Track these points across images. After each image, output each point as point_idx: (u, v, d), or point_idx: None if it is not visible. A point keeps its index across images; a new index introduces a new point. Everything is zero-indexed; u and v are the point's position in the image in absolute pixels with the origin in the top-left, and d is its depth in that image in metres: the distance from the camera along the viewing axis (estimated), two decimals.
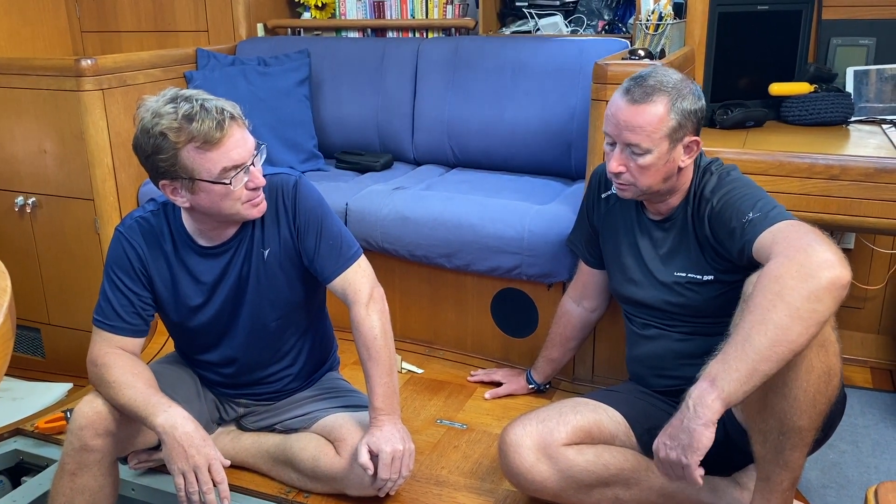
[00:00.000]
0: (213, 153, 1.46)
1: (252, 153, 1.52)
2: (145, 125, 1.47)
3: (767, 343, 1.24)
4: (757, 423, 1.42)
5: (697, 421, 1.27)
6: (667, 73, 1.57)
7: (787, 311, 1.24)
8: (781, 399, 1.35)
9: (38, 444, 2.03)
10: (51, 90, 2.38)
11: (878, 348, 2.43)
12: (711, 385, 1.27)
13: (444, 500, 1.75)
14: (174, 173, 1.49)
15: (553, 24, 2.88)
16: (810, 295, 1.24)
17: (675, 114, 1.53)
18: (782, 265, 1.28)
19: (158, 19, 3.25)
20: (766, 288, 1.27)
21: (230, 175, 1.49)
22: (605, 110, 1.60)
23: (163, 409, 1.51)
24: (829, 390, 1.35)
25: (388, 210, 2.33)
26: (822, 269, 1.24)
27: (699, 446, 1.28)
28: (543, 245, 2.12)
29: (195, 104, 1.46)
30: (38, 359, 2.68)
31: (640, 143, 1.53)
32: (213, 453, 1.50)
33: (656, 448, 1.37)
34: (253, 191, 1.54)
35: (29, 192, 2.50)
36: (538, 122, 2.57)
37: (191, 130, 1.44)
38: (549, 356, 2.09)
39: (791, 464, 1.41)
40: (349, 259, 1.68)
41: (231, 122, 1.47)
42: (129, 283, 1.64)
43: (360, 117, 2.87)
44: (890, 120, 2.26)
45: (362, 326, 1.65)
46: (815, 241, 1.29)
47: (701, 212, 1.59)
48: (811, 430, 1.37)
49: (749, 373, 1.25)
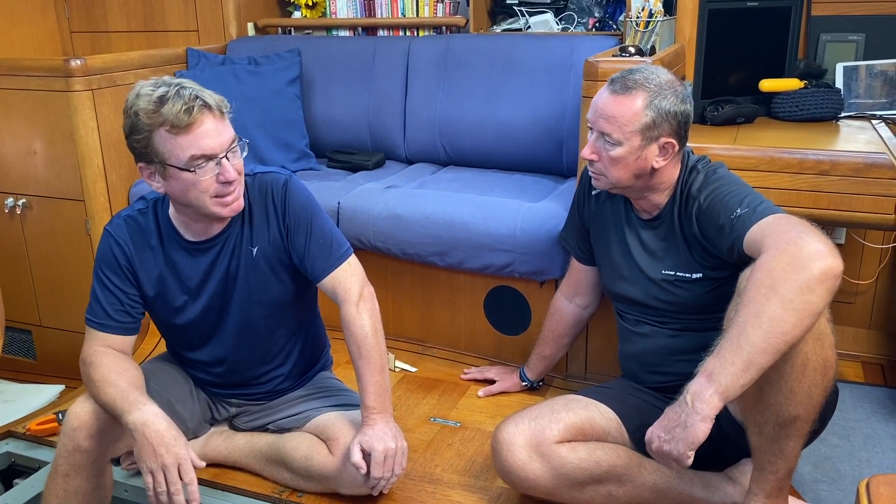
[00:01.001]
0: (182, 139, 1.45)
1: (226, 146, 1.49)
2: (126, 104, 1.48)
3: (762, 336, 1.25)
4: (753, 414, 1.42)
5: (695, 416, 1.28)
6: (656, 71, 1.58)
7: (781, 303, 1.24)
8: (777, 391, 1.36)
9: (31, 447, 2.03)
10: (40, 91, 2.37)
11: (870, 343, 2.44)
12: (709, 380, 1.27)
13: (438, 497, 1.75)
14: (148, 156, 1.49)
15: (544, 21, 2.88)
16: (803, 286, 1.24)
17: (652, 111, 1.53)
18: (774, 258, 1.29)
19: (148, 19, 3.23)
20: (759, 281, 1.28)
21: (198, 164, 1.47)
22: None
23: (137, 407, 1.47)
24: (824, 382, 1.36)
25: (380, 209, 2.32)
26: (814, 259, 1.25)
27: (695, 441, 1.28)
28: (535, 242, 2.12)
29: (171, 88, 1.45)
30: (29, 361, 2.67)
31: (612, 134, 1.55)
32: (182, 453, 1.44)
33: (649, 439, 1.37)
34: (223, 185, 1.51)
35: (19, 194, 2.49)
36: (529, 120, 2.58)
37: (161, 112, 1.43)
38: (541, 353, 2.09)
39: (786, 453, 1.41)
40: (339, 258, 1.67)
41: (203, 110, 1.45)
42: (117, 281, 1.63)
43: (352, 116, 2.86)
44: (879, 115, 2.26)
45: (353, 326, 1.65)
46: (805, 233, 1.29)
47: (688, 210, 1.60)
48: (807, 420, 1.38)
49: (745, 366, 1.25)
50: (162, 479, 1.42)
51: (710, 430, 1.27)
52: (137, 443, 1.45)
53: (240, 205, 1.56)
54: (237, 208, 1.56)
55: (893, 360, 2.36)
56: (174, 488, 1.42)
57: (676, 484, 1.64)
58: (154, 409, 1.48)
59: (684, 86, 1.60)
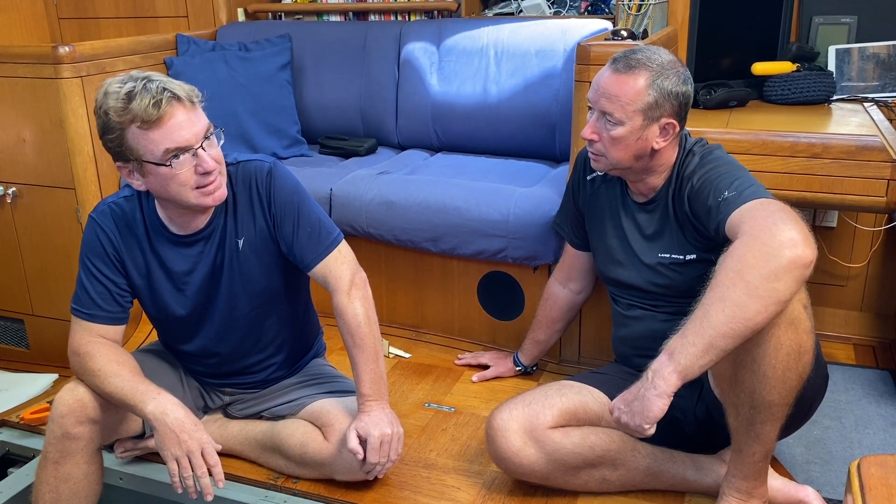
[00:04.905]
0: (153, 133, 1.43)
1: (200, 136, 1.47)
2: (96, 104, 1.47)
3: (724, 320, 1.26)
4: (730, 396, 1.44)
5: (653, 391, 1.30)
6: (658, 52, 1.57)
7: (746, 290, 1.25)
8: (751, 375, 1.37)
9: (24, 435, 2.03)
10: (28, 78, 2.34)
11: (861, 325, 2.45)
12: (670, 358, 1.30)
13: (433, 482, 1.75)
14: (124, 155, 1.47)
15: (536, 5, 2.87)
16: (770, 274, 1.25)
17: (654, 91, 1.53)
18: (746, 244, 1.30)
19: (137, 5, 3.20)
20: (728, 266, 1.29)
21: (173, 157, 1.45)
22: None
23: (152, 397, 1.51)
24: (799, 367, 1.36)
25: (372, 195, 2.31)
26: (785, 248, 1.25)
27: (650, 415, 1.31)
28: (529, 228, 2.12)
29: (138, 83, 1.42)
30: (22, 350, 2.66)
31: (614, 113, 1.54)
32: (205, 438, 1.51)
33: (611, 408, 1.41)
34: (202, 175, 1.48)
35: (9, 182, 2.47)
36: (522, 105, 2.57)
37: (130, 108, 1.41)
38: (535, 338, 2.10)
39: (762, 437, 1.43)
40: (329, 246, 1.65)
41: (172, 102, 1.42)
42: (105, 269, 1.62)
43: (344, 102, 2.85)
44: (871, 98, 2.26)
45: (345, 314, 1.64)
46: (781, 221, 1.29)
47: (682, 191, 1.60)
48: (782, 405, 1.39)
49: (706, 348, 1.27)
50: (187, 464, 1.48)
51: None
52: (159, 432, 1.49)
53: (223, 193, 1.54)
54: (220, 197, 1.54)
55: (885, 342, 2.38)
56: (200, 472, 1.49)
57: (669, 467, 1.65)
58: (169, 397, 1.53)
59: (685, 67, 1.60)
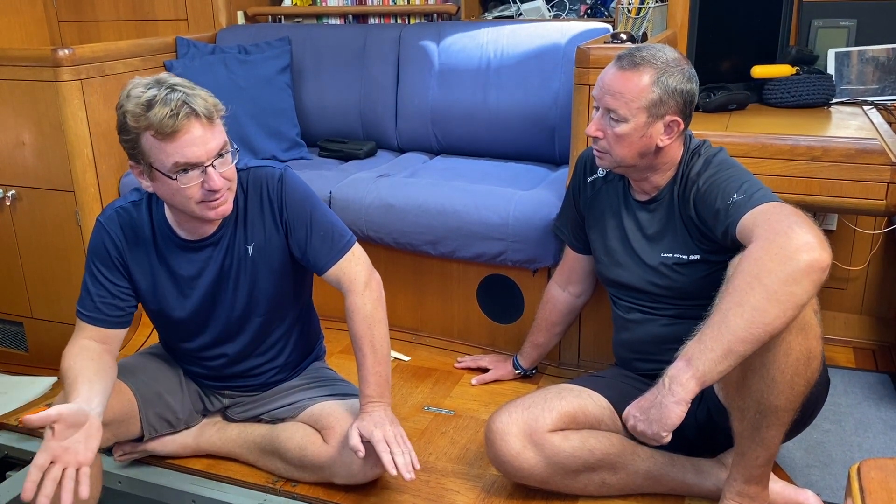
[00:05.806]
0: (167, 145, 1.42)
1: (213, 154, 1.46)
2: (119, 101, 1.46)
3: (743, 325, 1.25)
4: (736, 400, 1.44)
5: (671, 398, 1.29)
6: (663, 49, 1.57)
7: (765, 294, 1.25)
8: (759, 379, 1.37)
9: (23, 439, 2.02)
10: (28, 81, 2.34)
11: (861, 328, 2.45)
12: (688, 364, 1.29)
13: (432, 486, 1.75)
14: (136, 156, 1.47)
15: (535, 8, 2.87)
16: (788, 278, 1.24)
17: (658, 88, 1.53)
18: (762, 247, 1.29)
19: (137, 8, 3.20)
20: (745, 270, 1.28)
21: (181, 171, 1.44)
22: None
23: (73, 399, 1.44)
24: (808, 372, 1.36)
25: (372, 198, 2.31)
26: (801, 251, 1.25)
27: (668, 423, 1.30)
28: (528, 231, 2.12)
29: (161, 91, 1.42)
30: (21, 353, 2.66)
31: (618, 110, 1.54)
32: (85, 459, 1.37)
33: (626, 416, 1.39)
34: (209, 192, 1.48)
35: (8, 185, 2.47)
36: (521, 108, 2.57)
37: (147, 117, 1.40)
38: (535, 341, 2.09)
39: (767, 441, 1.42)
40: (342, 248, 1.65)
41: (189, 117, 1.41)
42: (108, 273, 1.63)
43: (343, 105, 2.85)
44: (871, 101, 2.26)
45: (357, 315, 1.63)
46: (796, 224, 1.29)
47: (687, 193, 1.60)
48: (788, 410, 1.39)
49: (724, 353, 1.26)
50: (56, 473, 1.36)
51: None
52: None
53: (227, 209, 1.53)
54: (223, 213, 1.53)
55: (884, 346, 2.38)
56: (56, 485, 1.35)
57: (669, 470, 1.64)
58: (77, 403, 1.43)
59: (690, 65, 1.60)
